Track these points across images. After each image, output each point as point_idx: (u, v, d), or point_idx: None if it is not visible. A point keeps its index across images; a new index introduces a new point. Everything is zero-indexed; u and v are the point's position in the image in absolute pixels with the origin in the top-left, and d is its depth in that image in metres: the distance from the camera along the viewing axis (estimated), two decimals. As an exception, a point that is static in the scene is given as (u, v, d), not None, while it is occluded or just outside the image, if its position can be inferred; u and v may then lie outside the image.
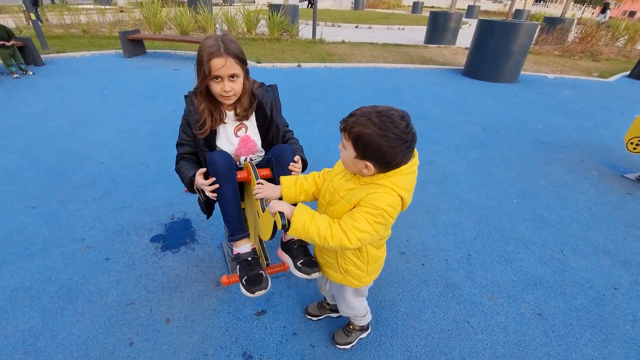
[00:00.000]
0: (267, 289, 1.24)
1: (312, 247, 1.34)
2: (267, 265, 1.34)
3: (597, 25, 10.63)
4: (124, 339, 1.52)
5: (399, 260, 2.05)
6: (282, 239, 1.40)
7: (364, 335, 1.56)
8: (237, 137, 1.43)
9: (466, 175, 3.06)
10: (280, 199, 1.19)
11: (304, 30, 10.40)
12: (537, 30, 8.52)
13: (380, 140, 0.87)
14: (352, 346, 1.52)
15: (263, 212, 1.12)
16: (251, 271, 1.27)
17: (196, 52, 1.25)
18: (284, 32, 10.00)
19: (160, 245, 2.09)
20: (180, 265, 1.94)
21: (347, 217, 0.98)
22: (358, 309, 1.38)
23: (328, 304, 1.62)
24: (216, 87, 1.25)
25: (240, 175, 1.33)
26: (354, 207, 1.00)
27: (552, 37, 10.30)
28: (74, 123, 3.82)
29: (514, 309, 1.76)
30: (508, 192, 2.83)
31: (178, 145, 1.46)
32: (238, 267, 1.32)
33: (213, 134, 1.39)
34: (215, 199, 1.31)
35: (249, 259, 1.31)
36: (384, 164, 0.93)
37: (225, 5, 17.37)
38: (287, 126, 1.62)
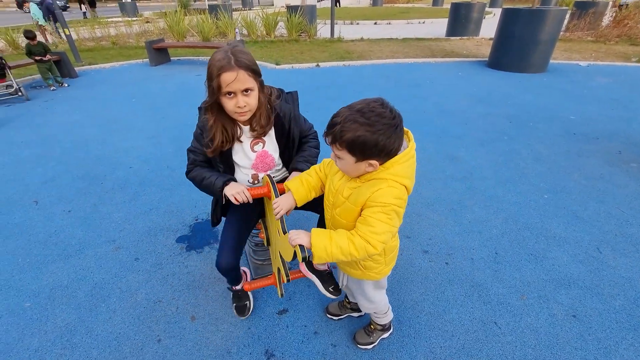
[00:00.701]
0: (247, 316, 1.67)
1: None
2: (288, 280, 1.34)
3: (635, 7, 9.88)
4: (152, 335, 1.58)
5: (421, 259, 2.00)
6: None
7: (385, 335, 1.53)
8: (254, 152, 1.36)
9: (492, 170, 2.95)
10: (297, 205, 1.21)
11: (322, 30, 10.40)
12: (567, 16, 8.05)
13: (374, 136, 0.86)
14: (373, 346, 1.50)
15: (284, 234, 1.11)
16: (240, 301, 1.68)
17: None
18: (302, 32, 10.06)
19: (185, 245, 2.16)
20: (204, 264, 2.00)
21: (362, 225, 0.96)
22: (379, 303, 1.36)
23: (349, 302, 1.61)
24: (229, 104, 1.16)
25: (261, 190, 1.28)
26: (361, 209, 0.98)
27: (585, 22, 9.69)
28: (105, 130, 4.03)
29: (545, 309, 1.67)
30: (538, 187, 2.69)
31: (190, 151, 1.39)
32: (231, 294, 1.72)
33: (229, 149, 1.33)
34: (238, 202, 1.26)
35: (239, 292, 1.66)
36: (386, 156, 0.91)
37: (244, 10, 17.74)
38: (311, 128, 1.54)
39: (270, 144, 1.38)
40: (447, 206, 2.47)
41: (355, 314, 1.64)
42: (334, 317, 1.64)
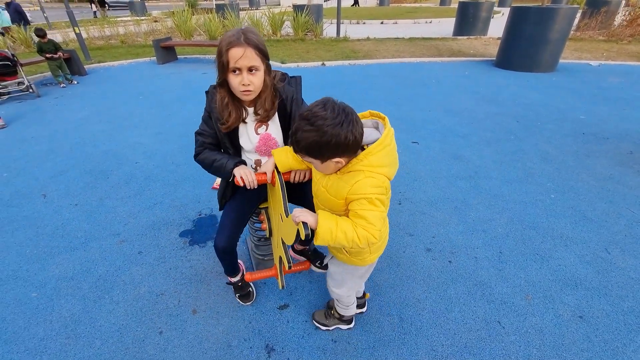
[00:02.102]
0: (252, 300, 1.73)
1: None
2: (289, 267, 1.34)
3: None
4: (154, 327, 1.59)
5: (424, 257, 1.98)
6: (294, 247, 1.62)
7: (342, 327, 1.56)
8: (257, 134, 1.37)
9: (498, 170, 2.91)
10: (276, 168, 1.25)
11: (329, 29, 10.39)
12: (578, 14, 7.92)
13: (323, 137, 0.89)
14: (327, 329, 1.55)
15: (287, 217, 1.12)
16: (242, 290, 1.73)
17: None
18: (308, 32, 10.06)
19: (188, 239, 2.17)
20: (206, 259, 2.01)
21: (357, 218, 0.99)
22: (345, 293, 1.37)
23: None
24: (234, 81, 1.17)
25: (263, 177, 1.29)
26: (346, 203, 1.01)
27: (596, 21, 9.53)
28: (112, 127, 4.08)
29: (551, 310, 1.65)
30: (545, 187, 2.65)
31: (198, 134, 1.40)
32: (232, 287, 1.75)
33: (235, 130, 1.35)
34: (250, 186, 1.28)
35: (239, 283, 1.70)
36: (346, 150, 0.93)
37: (251, 10, 17.82)
38: None
39: (274, 127, 1.39)
40: (451, 205, 2.45)
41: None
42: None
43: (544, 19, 5.62)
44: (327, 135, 0.89)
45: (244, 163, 1.35)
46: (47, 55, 5.58)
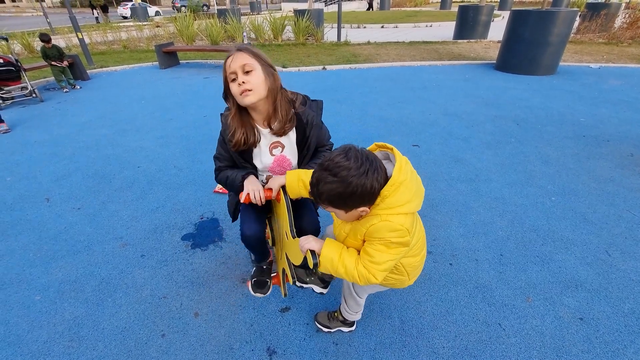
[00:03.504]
0: (265, 294, 1.65)
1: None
2: (294, 283, 1.35)
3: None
4: (157, 330, 1.60)
5: (425, 260, 1.98)
6: None
7: (344, 329, 1.56)
8: (272, 155, 1.35)
9: (499, 173, 2.92)
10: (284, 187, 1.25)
11: (329, 34, 10.45)
12: (578, 17, 7.95)
13: (348, 189, 0.87)
14: (328, 331, 1.56)
15: (294, 238, 1.13)
16: (261, 277, 1.65)
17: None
18: (309, 36, 10.13)
19: (190, 243, 2.18)
20: (208, 262, 2.02)
21: (364, 255, 0.98)
22: (359, 294, 1.38)
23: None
24: (234, 87, 1.20)
25: (268, 193, 1.29)
26: (363, 241, 1.01)
27: (596, 24, 9.55)
28: (115, 131, 4.11)
29: (551, 312, 1.65)
30: (545, 190, 2.65)
31: (216, 158, 1.43)
32: (254, 268, 1.69)
33: (248, 152, 1.33)
34: (262, 204, 1.29)
35: (264, 267, 1.65)
36: (371, 199, 0.91)
37: (253, 15, 17.94)
38: (329, 140, 1.53)
39: (289, 148, 1.37)
40: (451, 207, 2.46)
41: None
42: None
43: (544, 22, 5.64)
44: (352, 186, 0.86)
45: (254, 174, 1.36)
46: (53, 63, 5.64)
